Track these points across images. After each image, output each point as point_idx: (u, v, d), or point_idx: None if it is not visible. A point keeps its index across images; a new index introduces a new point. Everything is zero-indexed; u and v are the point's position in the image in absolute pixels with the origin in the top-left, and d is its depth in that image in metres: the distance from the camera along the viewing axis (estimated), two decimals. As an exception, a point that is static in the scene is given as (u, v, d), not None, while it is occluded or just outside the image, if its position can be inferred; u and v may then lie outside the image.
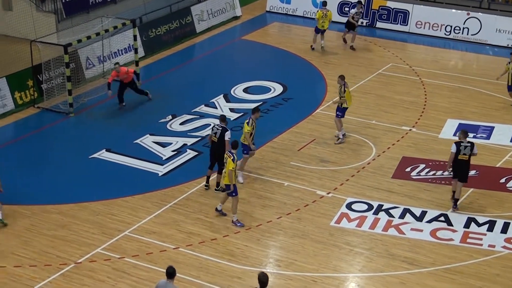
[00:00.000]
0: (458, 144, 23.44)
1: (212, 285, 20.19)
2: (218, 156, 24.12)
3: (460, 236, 22.49)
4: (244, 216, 23.12)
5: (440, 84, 32.48)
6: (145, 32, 35.90)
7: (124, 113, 30.36)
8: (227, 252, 21.81)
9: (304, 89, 32.41)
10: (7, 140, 28.54)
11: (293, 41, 37.52)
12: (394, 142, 27.74)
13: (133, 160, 26.69)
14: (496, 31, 36.77)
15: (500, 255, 21.71)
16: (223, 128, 24.23)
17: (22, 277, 20.71)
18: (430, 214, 23.51)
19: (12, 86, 30.28)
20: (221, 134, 24.07)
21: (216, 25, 39.39)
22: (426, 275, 20.90)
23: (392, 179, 25.49)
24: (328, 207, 23.96)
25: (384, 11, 39.07)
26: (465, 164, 23.54)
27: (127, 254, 21.67)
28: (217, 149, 24.16)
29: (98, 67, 33.42)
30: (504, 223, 23.00)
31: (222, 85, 32.53)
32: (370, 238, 22.47)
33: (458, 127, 28.59)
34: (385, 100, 31.01)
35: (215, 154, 24.31)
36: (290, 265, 21.35)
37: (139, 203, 24.21)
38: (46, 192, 24.95)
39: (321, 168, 26.14)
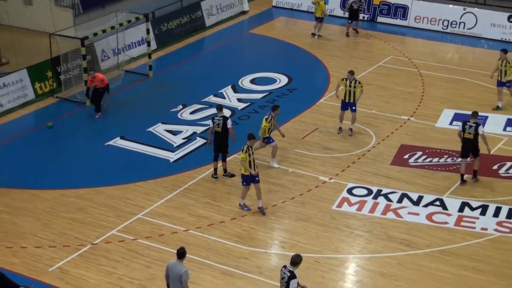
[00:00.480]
0: (464, 123, 24.01)
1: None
2: (223, 144, 24.32)
3: (455, 220, 22.55)
4: (251, 200, 23.18)
5: (437, 76, 32.51)
6: (157, 26, 35.95)
7: (137, 103, 30.44)
8: (235, 234, 21.96)
9: (308, 81, 32.47)
10: (28, 128, 28.70)
11: (298, 35, 37.53)
12: (393, 130, 27.81)
13: (146, 147, 26.82)
14: (490, 26, 36.72)
15: (492, 237, 21.79)
16: (224, 117, 24.37)
17: (42, 257, 20.91)
18: (426, 198, 23.57)
19: (33, 77, 30.42)
20: (223, 124, 24.22)
21: (224, 20, 39.39)
22: (422, 256, 21.00)
23: (390, 166, 25.56)
24: (330, 192, 24.05)
25: (384, 6, 39.06)
26: (470, 142, 23.94)
27: (140, 236, 21.85)
28: (222, 138, 24.33)
29: (112, 59, 33.48)
30: (496, 208, 23.05)
31: (230, 76, 32.60)
32: (370, 221, 22.57)
33: (454, 116, 28.70)
34: (385, 91, 31.06)
35: (220, 143, 24.43)
36: (294, 246, 21.45)
37: (151, 187, 24.35)
38: (64, 177, 25.08)
39: (324, 155, 26.23)
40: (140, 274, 20.24)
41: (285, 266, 17.05)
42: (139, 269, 20.46)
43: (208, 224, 22.43)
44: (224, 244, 21.52)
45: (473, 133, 23.85)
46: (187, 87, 31.68)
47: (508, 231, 22.05)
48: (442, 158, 25.84)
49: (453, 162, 25.53)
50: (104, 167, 25.89)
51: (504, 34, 36.41)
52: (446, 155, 26.01)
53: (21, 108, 29.81)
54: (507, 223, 22.39)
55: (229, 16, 39.79)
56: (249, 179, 22.65)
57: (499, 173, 25.03)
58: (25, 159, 26.33)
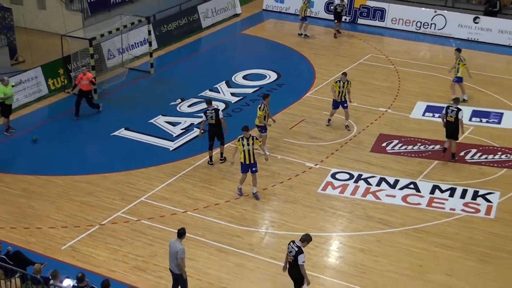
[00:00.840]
0: (447, 107, 24.43)
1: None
2: (219, 134, 24.35)
3: (426, 201, 22.68)
4: (244, 184, 23.14)
5: (411, 72, 32.52)
6: (158, 27, 35.87)
7: (140, 97, 30.37)
8: (228, 215, 22.03)
9: (295, 76, 32.43)
10: (42, 121, 28.64)
11: (286, 35, 37.48)
12: (372, 121, 27.85)
13: (148, 137, 26.80)
14: (458, 26, 36.69)
15: (459, 217, 21.95)
16: (215, 109, 24.39)
17: (55, 237, 21.00)
18: (401, 182, 23.65)
19: (46, 74, 30.36)
20: (216, 115, 24.24)
21: (219, 22, 39.29)
22: (397, 234, 21.13)
23: (370, 153, 25.61)
24: (316, 176, 24.11)
25: (364, 9, 39.03)
26: (451, 125, 24.30)
27: (143, 217, 21.91)
28: (217, 129, 24.36)
29: (118, 57, 33.40)
30: (463, 190, 23.17)
31: (224, 72, 32.53)
32: (351, 203, 22.66)
33: (426, 108, 28.75)
34: (365, 85, 31.05)
35: (216, 133, 24.45)
36: (283, 226, 21.57)
37: (153, 173, 24.38)
38: (75, 165, 25.09)
39: (310, 143, 26.26)
40: (143, 251, 20.31)
41: (293, 241, 17.29)
42: (142, 247, 20.53)
43: (204, 206, 22.49)
44: (219, 224, 21.60)
45: (454, 116, 24.24)
46: (185, 83, 31.62)
47: (474, 211, 22.18)
48: (416, 146, 25.91)
49: (426, 149, 25.61)
50: (110, 155, 25.92)
51: (470, 34, 36.45)
52: (419, 143, 26.08)
53: (36, 102, 29.74)
54: (473, 204, 22.51)
55: (223, 18, 39.69)
56: (245, 167, 22.65)
57: (465, 159, 25.09)
58: (40, 148, 26.32)
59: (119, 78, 31.93)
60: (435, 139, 26.18)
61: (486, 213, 22.07)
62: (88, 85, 28.04)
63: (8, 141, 26.62)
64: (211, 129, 24.44)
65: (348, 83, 26.61)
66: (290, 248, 17.23)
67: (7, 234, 21.06)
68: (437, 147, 25.61)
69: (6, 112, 26.95)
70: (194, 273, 19.17)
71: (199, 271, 19.32)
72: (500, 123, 27.65)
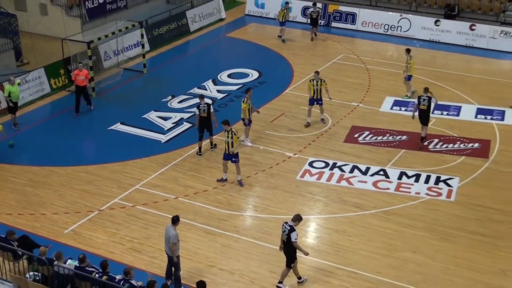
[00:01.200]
0: (419, 97, 24.87)
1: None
2: (208, 125, 24.32)
3: (395, 186, 22.76)
4: (228, 173, 23.12)
5: (380, 70, 32.57)
6: (150, 31, 35.72)
7: (134, 94, 30.23)
8: (216, 200, 22.03)
9: (275, 75, 32.39)
10: (45, 117, 28.49)
11: (267, 38, 37.43)
12: (345, 114, 27.86)
13: (142, 130, 26.71)
14: (421, 28, 36.76)
15: (423, 200, 22.06)
16: (208, 104, 24.42)
17: (58, 222, 20.96)
18: (372, 169, 23.72)
19: (49, 74, 30.21)
20: (208, 109, 24.24)
21: (205, 26, 39.16)
22: (369, 216, 21.22)
23: (343, 143, 25.63)
24: (294, 165, 24.13)
25: (337, 13, 39.03)
26: (424, 112, 24.74)
27: (138, 203, 21.87)
28: (208, 121, 24.33)
29: (113, 59, 33.22)
30: (427, 176, 23.25)
31: (210, 72, 32.41)
32: (327, 188, 22.70)
33: (394, 103, 28.81)
34: (339, 82, 31.04)
35: (206, 126, 24.43)
36: (265, 210, 21.59)
37: (146, 163, 24.32)
38: (75, 156, 25.00)
39: (289, 135, 26.27)
40: (138, 234, 20.30)
41: (286, 222, 17.45)
42: (138, 230, 20.52)
43: (194, 193, 22.47)
44: (207, 208, 21.60)
45: (427, 104, 24.60)
46: (175, 81, 31.52)
47: (436, 194, 22.29)
48: (385, 136, 25.98)
49: (394, 140, 25.69)
50: (107, 147, 25.81)
51: (432, 35, 36.54)
52: (388, 134, 26.16)
53: (40, 100, 29.57)
54: (435, 188, 22.62)
55: (209, 22, 39.57)
56: (226, 156, 22.70)
57: (429, 148, 25.16)
58: (44, 141, 26.19)
59: (115, 77, 31.78)
60: (403, 130, 26.31)
61: (447, 196, 22.19)
62: (83, 81, 27.88)
63: (15, 135, 26.44)
64: (202, 122, 24.39)
65: (321, 81, 26.53)
66: (284, 228, 17.40)
67: (15, 220, 21.00)
68: (404, 138, 25.71)
69: (13, 109, 26.92)
70: (185, 253, 19.15)
71: (189, 252, 19.31)
72: (459, 115, 27.77)
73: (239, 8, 42.18)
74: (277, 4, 39.31)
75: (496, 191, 22.51)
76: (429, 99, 24.66)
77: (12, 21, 32.87)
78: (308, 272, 18.54)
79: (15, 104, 26.85)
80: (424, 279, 18.44)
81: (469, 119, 27.50)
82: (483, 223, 20.84)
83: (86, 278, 16.36)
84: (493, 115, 27.76)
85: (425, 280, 18.40)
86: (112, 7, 36.99)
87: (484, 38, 35.27)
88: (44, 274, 16.92)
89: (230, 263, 19.08)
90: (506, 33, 34.90)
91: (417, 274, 18.64)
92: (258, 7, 40.98)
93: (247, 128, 25.31)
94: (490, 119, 27.50)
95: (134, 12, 37.76)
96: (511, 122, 27.26)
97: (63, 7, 35.93)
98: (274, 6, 39.84)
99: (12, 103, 26.70)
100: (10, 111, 27.03)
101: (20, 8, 36.29)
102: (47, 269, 16.77)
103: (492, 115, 27.76)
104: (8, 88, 26.41)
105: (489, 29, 35.30)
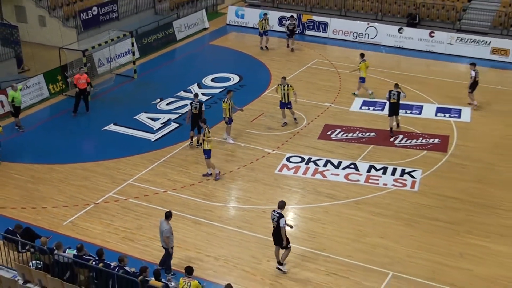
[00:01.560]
0: (390, 92, 25.61)
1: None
2: (197, 122, 24.27)
3: (364, 178, 22.81)
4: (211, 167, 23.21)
5: (350, 74, 32.54)
6: (140, 40, 35.53)
7: (125, 98, 30.03)
8: (202, 193, 21.98)
9: (254, 78, 32.29)
10: (44, 119, 28.26)
11: (246, 45, 37.35)
12: (319, 114, 27.86)
13: (133, 130, 26.57)
14: (387, 36, 36.82)
15: (390, 190, 22.14)
16: (200, 102, 24.59)
17: (58, 214, 20.86)
18: (344, 163, 23.74)
19: (47, 80, 29.97)
20: (199, 107, 24.30)
21: (191, 34, 39.01)
22: (341, 205, 21.27)
23: (318, 140, 25.64)
24: (273, 160, 24.12)
25: (310, 22, 39.04)
26: (394, 105, 25.50)
27: (130, 196, 21.79)
28: (197, 118, 24.29)
29: (106, 65, 33.01)
30: (393, 168, 23.33)
31: (195, 76, 32.25)
32: (303, 181, 22.72)
33: (362, 103, 28.86)
34: (312, 85, 31.00)
35: (195, 121, 24.44)
36: (247, 201, 21.59)
37: (138, 160, 24.21)
38: (73, 154, 24.84)
39: (268, 133, 26.23)
40: (131, 225, 20.24)
41: (274, 210, 17.55)
42: (130, 221, 20.46)
43: (181, 186, 22.40)
44: (194, 200, 21.55)
45: (396, 98, 25.31)
46: (163, 85, 31.35)
47: (401, 185, 22.40)
48: (355, 134, 26.03)
49: (363, 136, 25.75)
50: (102, 146, 25.69)
51: (396, 41, 36.61)
52: (358, 131, 26.21)
53: (39, 103, 29.32)
54: (401, 179, 22.71)
55: (194, 32, 39.41)
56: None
57: (394, 143, 25.25)
58: (44, 141, 26.03)
59: (108, 82, 31.63)
60: (371, 128, 26.38)
61: (411, 187, 22.29)
62: (84, 84, 27.80)
63: (18, 136, 26.26)
64: (194, 118, 24.49)
65: (288, 86, 26.25)
66: (272, 215, 17.52)
67: (19, 213, 20.88)
68: (372, 134, 25.80)
69: (16, 113, 26.81)
70: (175, 242, 18.98)
71: (178, 240, 19.20)
72: (421, 113, 27.85)
73: (221, 18, 42.07)
74: (255, 14, 39.34)
75: (454, 181, 22.65)
76: (398, 93, 25.33)
77: (14, 32, 32.72)
78: (288, 257, 18.52)
79: (17, 108, 26.74)
80: (391, 261, 18.52)
81: (430, 117, 27.60)
82: (443, 210, 20.97)
83: (84, 266, 16.30)
84: (451, 113, 27.90)
85: (392, 262, 18.48)
86: (105, 18, 36.81)
87: (442, 44, 35.44)
88: (45, 262, 16.85)
89: (215, 250, 19.05)
90: (461, 39, 35.09)
91: (385, 257, 18.72)
92: (238, 17, 40.90)
93: (229, 126, 25.28)
94: (449, 117, 27.63)
95: (125, 23, 37.55)
96: (467, 119, 27.44)
97: (60, 19, 35.76)
98: (252, 16, 39.85)
99: (15, 107, 26.60)
100: (13, 114, 26.91)
101: (21, 20, 36.10)
102: (48, 258, 16.69)
103: (450, 113, 27.90)
104: (11, 94, 26.43)
105: (447, 36, 35.47)
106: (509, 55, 34.08)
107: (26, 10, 36.14)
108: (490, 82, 31.14)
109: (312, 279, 17.88)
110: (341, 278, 17.91)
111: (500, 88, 30.74)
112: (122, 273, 15.77)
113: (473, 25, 36.78)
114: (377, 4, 39.30)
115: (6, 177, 23.20)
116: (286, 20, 37.63)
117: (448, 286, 17.59)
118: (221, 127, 26.02)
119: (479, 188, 22.20)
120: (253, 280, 17.82)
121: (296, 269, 18.27)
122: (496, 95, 29.93)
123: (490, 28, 36.30)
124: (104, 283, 16.01)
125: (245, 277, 17.93)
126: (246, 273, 18.07)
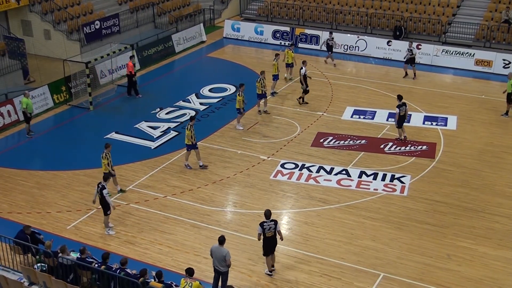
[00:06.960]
0: (399, 106, 25.38)
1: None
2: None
3: (356, 183, 22.73)
4: (211, 174, 23.14)
5: (341, 84, 32.58)
6: (140, 52, 35.52)
7: (126, 107, 30.03)
8: (200, 198, 21.86)
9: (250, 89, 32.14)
10: (49, 127, 28.10)
11: (242, 57, 37.38)
12: (312, 122, 27.82)
13: (134, 138, 26.48)
14: (376, 48, 36.89)
15: (381, 195, 22.06)
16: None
17: (62, 219, 20.72)
18: (336, 169, 23.67)
19: (52, 91, 29.92)
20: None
21: (189, 47, 39.03)
22: (334, 210, 21.17)
23: (311, 147, 25.57)
24: (268, 166, 24.04)
25: (303, 36, 39.06)
26: (403, 117, 25.62)
27: (131, 201, 21.67)
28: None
29: (108, 77, 32.97)
30: (383, 174, 23.27)
31: (194, 87, 32.22)
32: (297, 186, 22.64)
33: (354, 112, 28.82)
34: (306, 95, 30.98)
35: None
36: (243, 205, 21.47)
37: (138, 167, 24.12)
38: (76, 161, 24.72)
39: (263, 141, 26.16)
40: (132, 229, 20.10)
41: (265, 221, 17.35)
42: (131, 225, 20.32)
43: (180, 192, 22.28)
44: (193, 205, 21.42)
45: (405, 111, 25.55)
46: (163, 95, 31.30)
47: (391, 190, 22.32)
48: (346, 141, 25.97)
49: (354, 144, 25.68)
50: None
51: (385, 54, 36.66)
52: (349, 139, 26.15)
53: (44, 113, 29.24)
54: (391, 185, 22.64)
55: (192, 44, 39.42)
56: (190, 147, 23.44)
57: (384, 150, 25.20)
58: (48, 149, 25.91)
59: (110, 92, 31.58)
60: (362, 135, 26.32)
61: (400, 191, 22.22)
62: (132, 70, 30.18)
63: (24, 144, 26.26)
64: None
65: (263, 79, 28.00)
66: (268, 226, 17.31)
67: (25, 218, 20.72)
68: (363, 142, 25.73)
69: (28, 119, 26.97)
70: (174, 245, 19.04)
71: (177, 243, 19.15)
72: (409, 122, 27.61)
73: (218, 31, 42.08)
74: (251, 28, 39.36)
75: (442, 186, 22.59)
76: (406, 106, 25.51)
77: (20, 44, 32.78)
78: (282, 259, 18.46)
79: (29, 114, 26.92)
80: (381, 263, 18.43)
81: (417, 125, 27.57)
82: (431, 214, 20.90)
83: (86, 268, 16.18)
84: (438, 122, 27.90)
85: (382, 264, 18.39)
86: (107, 31, 36.82)
87: (429, 56, 35.47)
88: (49, 265, 16.71)
89: (213, 253, 18.89)
90: (447, 51, 35.14)
91: (376, 259, 18.62)
92: (234, 31, 40.92)
93: (239, 116, 26.60)
94: (436, 125, 27.62)
95: (126, 36, 37.60)
96: (453, 127, 27.42)
97: (64, 33, 35.75)
98: (248, 29, 39.94)
99: (27, 114, 26.76)
100: (26, 120, 27.04)
101: (27, 33, 36.17)
102: (52, 261, 16.56)
103: (437, 122, 27.89)
104: (24, 101, 26.66)
105: (433, 48, 35.50)
106: (492, 66, 34.13)
107: (32, 24, 36.15)
108: (474, 92, 31.21)
109: (306, 280, 17.77)
110: (333, 279, 17.80)
111: (484, 98, 30.73)
112: (124, 275, 15.65)
113: (457, 38, 36.85)
114: (366, 18, 39.34)
115: (12, 183, 23.07)
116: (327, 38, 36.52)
117: (436, 286, 17.52)
118: (219, 135, 26.06)
119: (465, 193, 22.15)
120: (249, 281, 17.69)
121: (291, 270, 18.16)
122: (480, 104, 29.94)
123: (474, 40, 36.37)
124: (106, 285, 15.88)
125: (241, 278, 17.80)
126: (242, 275, 17.95)
